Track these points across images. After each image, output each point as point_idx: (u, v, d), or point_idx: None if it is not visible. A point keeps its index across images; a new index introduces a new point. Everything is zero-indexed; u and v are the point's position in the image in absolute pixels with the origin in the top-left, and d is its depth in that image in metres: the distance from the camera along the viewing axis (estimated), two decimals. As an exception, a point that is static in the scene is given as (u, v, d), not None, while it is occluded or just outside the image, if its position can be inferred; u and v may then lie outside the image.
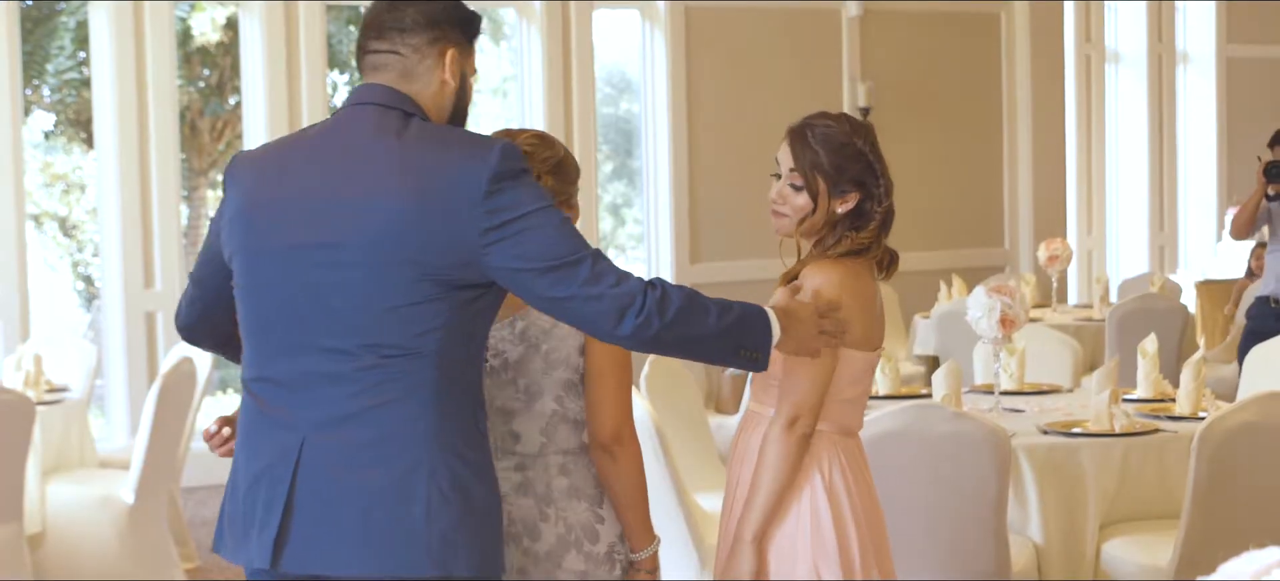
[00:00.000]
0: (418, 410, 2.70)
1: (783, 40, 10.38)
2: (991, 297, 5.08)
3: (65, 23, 12.65)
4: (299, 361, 2.75)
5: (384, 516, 2.68)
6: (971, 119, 11.22)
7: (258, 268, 2.80)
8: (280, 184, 2.80)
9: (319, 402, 2.73)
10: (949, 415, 4.48)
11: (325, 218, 2.73)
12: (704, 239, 10.08)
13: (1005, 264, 11.29)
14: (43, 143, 13.68)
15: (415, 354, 2.70)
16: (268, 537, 2.73)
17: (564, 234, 2.72)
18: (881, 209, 3.38)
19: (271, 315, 2.79)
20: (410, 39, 2.83)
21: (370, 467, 2.69)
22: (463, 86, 2.90)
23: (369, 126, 2.78)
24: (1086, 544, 4.78)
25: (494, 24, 13.00)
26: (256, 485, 2.77)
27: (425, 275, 2.68)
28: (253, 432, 2.82)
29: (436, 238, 2.68)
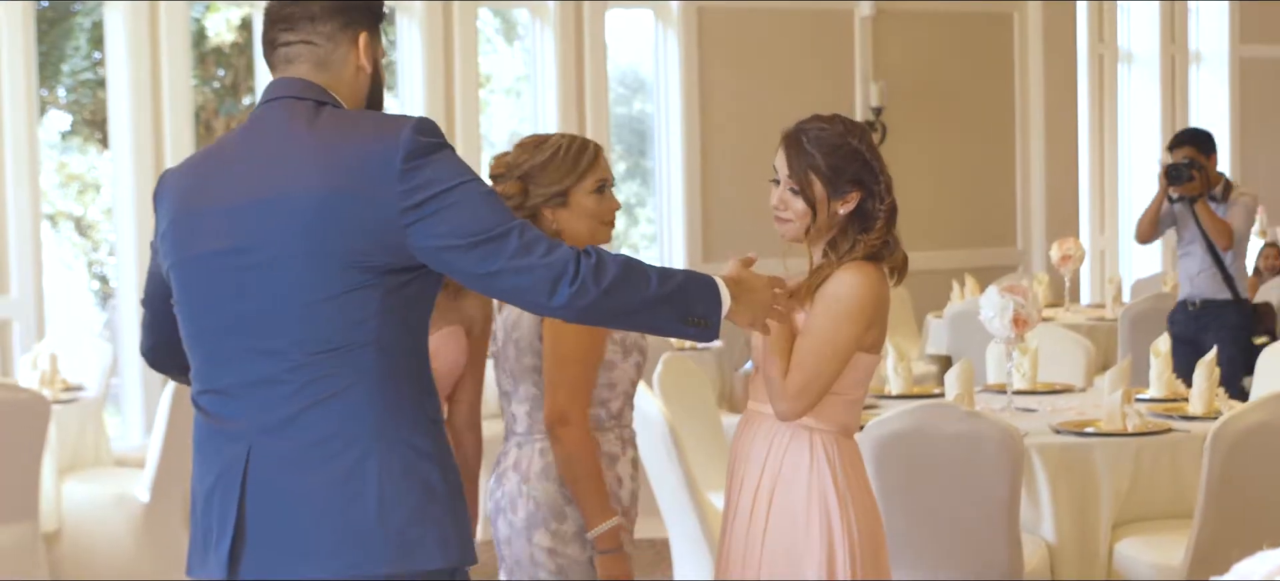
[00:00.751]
0: (360, 403, 2.62)
1: (796, 40, 10.38)
2: (1004, 297, 5.08)
3: (81, 23, 12.68)
4: (238, 368, 2.68)
5: (337, 515, 2.61)
6: (984, 119, 11.21)
7: (189, 280, 2.74)
8: (203, 193, 2.74)
9: (261, 407, 2.65)
10: (961, 414, 4.48)
11: (245, 219, 2.66)
12: (717, 238, 10.08)
13: (1018, 263, 11.28)
14: (58, 143, 13.71)
15: (351, 346, 2.62)
16: (223, 549, 2.66)
17: (489, 206, 2.62)
18: (884, 206, 3.39)
19: (207, 326, 2.72)
20: (321, 27, 2.76)
21: (318, 467, 2.61)
22: (376, 71, 2.83)
23: (282, 122, 2.71)
24: (1099, 543, 4.78)
25: (507, 24, 13.02)
26: (210, 498, 2.70)
27: (350, 264, 2.60)
28: (203, 447, 2.75)
29: (356, 224, 2.59)
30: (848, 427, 3.43)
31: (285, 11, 2.77)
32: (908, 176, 10.71)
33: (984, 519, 4.42)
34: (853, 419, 3.45)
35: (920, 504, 4.47)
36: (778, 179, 3.43)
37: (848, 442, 3.43)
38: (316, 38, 2.76)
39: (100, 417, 6.73)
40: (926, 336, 8.95)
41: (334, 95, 2.75)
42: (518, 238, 2.59)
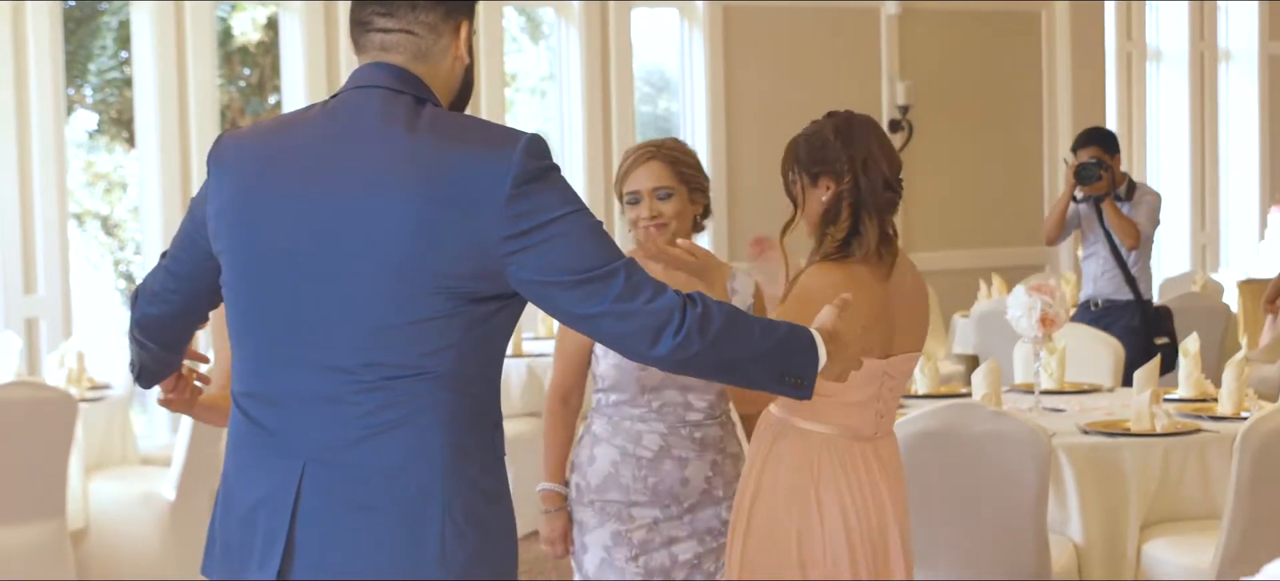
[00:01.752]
0: (428, 437, 2.45)
1: (822, 39, 10.36)
2: (1032, 296, 5.06)
3: (107, 23, 12.72)
4: (296, 378, 2.49)
5: (394, 556, 2.45)
6: (1011, 117, 11.17)
7: (250, 268, 2.53)
8: (277, 175, 2.52)
9: (318, 426, 2.47)
10: (989, 414, 4.46)
11: (327, 218, 2.46)
12: (742, 237, 10.06)
13: (1045, 262, 11.24)
14: (85, 142, 13.76)
15: (424, 374, 2.44)
16: (270, 570, 2.48)
17: (596, 241, 2.47)
18: (845, 187, 3.40)
19: (265, 323, 2.52)
20: (423, 15, 2.56)
21: (376, 502, 2.44)
22: (471, 60, 2.67)
23: (376, 114, 2.50)
24: (1127, 544, 4.76)
25: (532, 23, 13.01)
26: (254, 514, 2.51)
27: (439, 288, 2.42)
28: (246, 453, 2.56)
29: (453, 247, 2.41)
30: (857, 431, 3.43)
31: (395, 4, 2.57)
32: (934, 175, 10.72)
33: (1011, 519, 4.40)
34: (861, 421, 3.44)
35: (947, 504, 4.45)
36: None
37: (860, 446, 3.43)
38: (418, 27, 2.56)
39: (127, 416, 6.74)
40: (953, 336, 8.92)
41: (432, 89, 2.56)
42: (624, 280, 2.45)
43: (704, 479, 3.78)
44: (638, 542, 3.76)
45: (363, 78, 2.57)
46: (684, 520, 3.78)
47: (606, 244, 2.49)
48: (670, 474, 3.75)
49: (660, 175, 3.77)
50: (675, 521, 3.77)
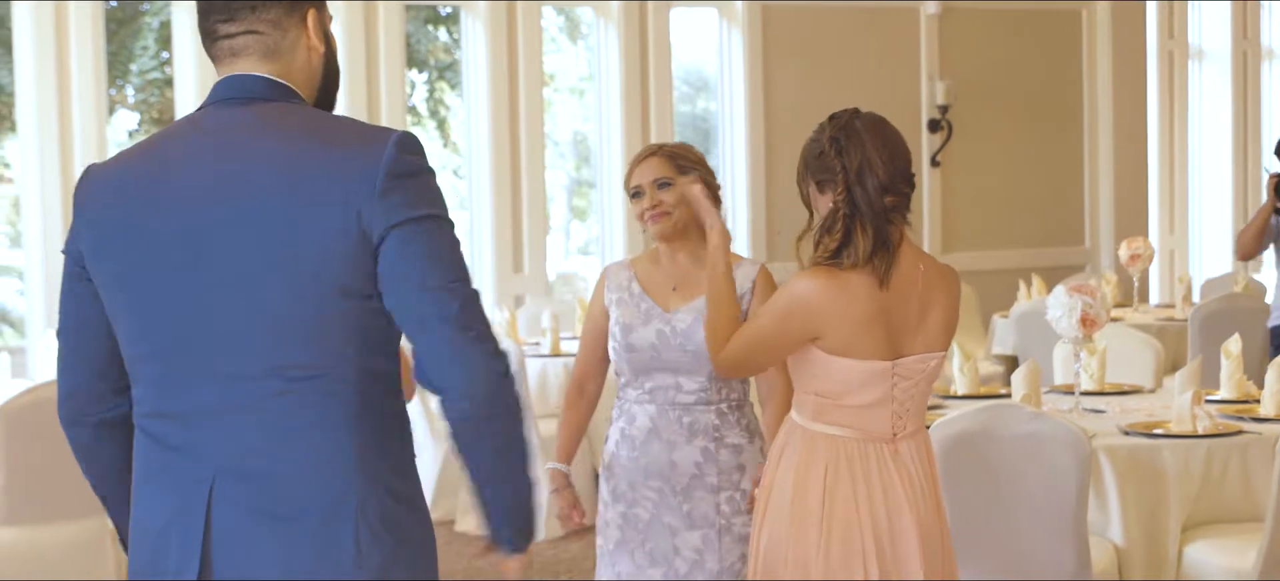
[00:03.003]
0: (336, 439, 2.41)
1: (861, 38, 10.34)
2: (1072, 297, 5.03)
3: (148, 24, 12.79)
4: (199, 392, 2.44)
5: (309, 562, 2.40)
6: (1052, 117, 11.13)
7: (138, 291, 2.47)
8: (153, 195, 2.46)
9: (225, 437, 2.42)
10: (1029, 415, 4.44)
11: (210, 230, 2.41)
12: (781, 237, 10.05)
13: (1086, 263, 11.19)
14: (126, 141, 13.84)
15: (326, 375, 2.41)
16: (190, 570, 2.42)
17: (454, 254, 2.43)
18: (838, 197, 3.39)
19: (162, 343, 2.46)
20: (265, 14, 2.51)
21: (289, 509, 2.40)
22: (329, 46, 2.60)
23: (245, 124, 2.46)
24: (1168, 546, 4.73)
25: (571, 23, 13.03)
26: (166, 532, 2.45)
27: (330, 286, 2.38)
28: (153, 474, 2.50)
29: (336, 243, 2.37)
30: (871, 433, 3.45)
31: (234, 6, 2.51)
32: (974, 175, 10.69)
33: (1051, 520, 4.37)
34: (876, 423, 3.44)
35: (987, 504, 4.43)
36: None
37: (876, 449, 3.44)
38: (261, 26, 2.51)
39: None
40: (992, 336, 8.89)
41: (290, 85, 2.52)
42: (463, 306, 2.40)
43: (693, 464, 3.87)
44: (642, 526, 3.92)
45: (222, 91, 2.54)
46: (681, 508, 3.88)
47: (461, 261, 2.45)
48: (658, 455, 3.89)
49: (659, 168, 3.95)
50: (671, 508, 3.89)
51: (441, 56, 13.68)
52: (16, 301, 13.13)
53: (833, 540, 3.39)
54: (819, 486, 3.41)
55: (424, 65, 13.57)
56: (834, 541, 3.39)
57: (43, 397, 5.47)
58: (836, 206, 3.39)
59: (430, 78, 13.75)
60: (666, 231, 3.92)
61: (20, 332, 12.55)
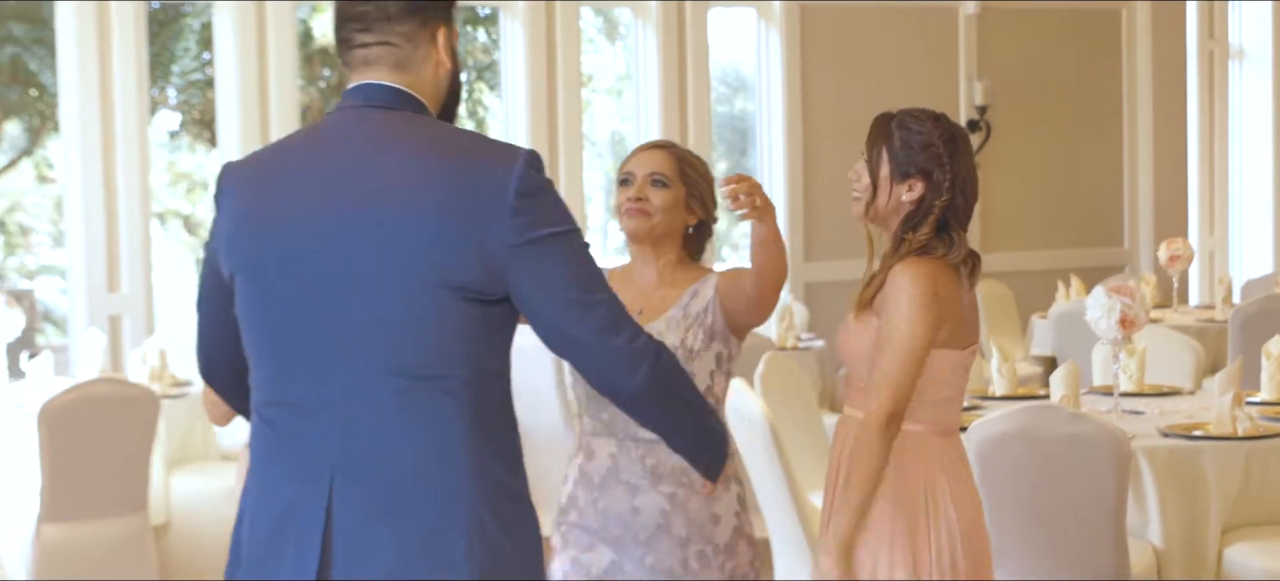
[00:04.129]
0: (452, 439, 2.52)
1: (899, 38, 10.32)
2: (1111, 298, 5.02)
3: (190, 25, 12.87)
4: (319, 385, 2.55)
5: (423, 558, 2.50)
6: (1091, 117, 11.08)
7: (266, 283, 2.59)
8: (285, 193, 2.60)
9: (342, 433, 2.53)
10: (1067, 416, 4.43)
11: (339, 230, 2.53)
12: (818, 238, 10.04)
13: (1125, 264, 11.14)
14: (168, 142, 13.92)
15: (446, 377, 2.51)
16: (310, 558, 2.52)
17: (588, 266, 2.58)
18: (940, 203, 3.35)
19: (285, 335, 2.58)
20: (399, 27, 2.63)
21: (405, 507, 2.50)
22: (455, 63, 2.72)
23: (375, 131, 2.59)
24: (1208, 548, 4.71)
25: (609, 23, 13.04)
26: (283, 524, 2.56)
27: (454, 292, 2.49)
28: (272, 462, 2.61)
29: (462, 250, 2.49)
30: (946, 427, 3.40)
31: (358, 10, 2.64)
32: (1013, 176, 10.65)
33: (1090, 521, 4.37)
34: (949, 418, 3.41)
35: (1025, 505, 4.42)
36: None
37: (947, 442, 3.39)
38: (395, 38, 2.63)
39: (208, 413, 6.82)
40: (1031, 337, 8.86)
41: (419, 98, 2.64)
42: (607, 311, 2.57)
43: (660, 513, 3.44)
44: (597, 575, 3.49)
45: (353, 98, 2.64)
46: (644, 562, 3.44)
47: (597, 271, 2.59)
48: (619, 500, 3.47)
49: (662, 163, 3.57)
50: (634, 560, 3.45)
51: (480, 57, 13.71)
52: (59, 300, 13.23)
53: (953, 537, 3.32)
54: (919, 486, 3.33)
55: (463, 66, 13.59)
56: (960, 538, 3.33)
57: (85, 396, 5.52)
58: (931, 205, 3.36)
59: (469, 78, 13.78)
60: (639, 231, 3.53)
61: (63, 331, 12.64)
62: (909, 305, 3.28)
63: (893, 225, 3.41)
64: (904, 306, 3.28)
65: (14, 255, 13.79)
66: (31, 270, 13.90)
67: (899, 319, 3.28)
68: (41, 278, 13.80)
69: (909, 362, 3.27)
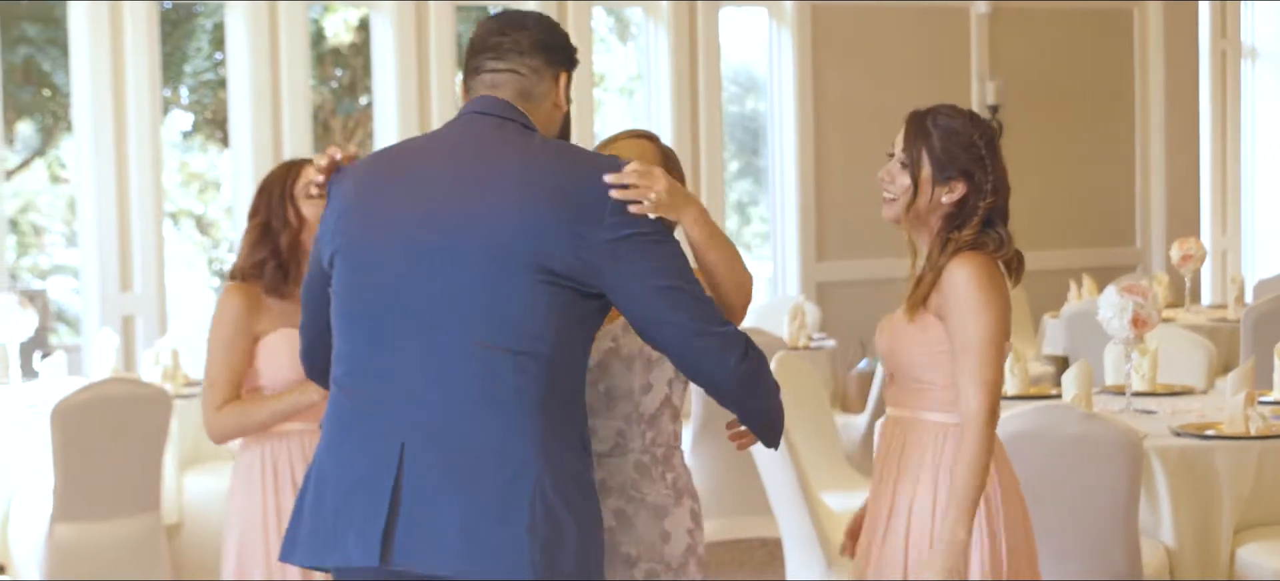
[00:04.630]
0: (525, 416, 2.65)
1: (910, 38, 10.31)
2: (1123, 297, 5.01)
3: (202, 25, 12.90)
4: (401, 358, 2.70)
5: (487, 527, 2.62)
6: (1103, 116, 11.07)
7: (362, 260, 2.77)
8: (392, 184, 2.79)
9: (419, 403, 2.67)
10: (1079, 416, 4.43)
11: (445, 217, 2.71)
12: (830, 237, 10.04)
13: (1137, 263, 11.12)
14: (180, 142, 13.95)
15: (524, 354, 2.66)
16: (374, 533, 2.66)
17: (682, 262, 2.76)
18: (985, 204, 3.33)
19: (374, 309, 2.74)
20: (529, 60, 2.85)
21: (474, 477, 2.63)
22: (567, 112, 2.94)
23: (489, 134, 2.79)
24: (1220, 547, 4.70)
25: (621, 23, 13.04)
26: (352, 492, 2.70)
27: (545, 278, 2.66)
28: (345, 432, 2.75)
29: (561, 243, 2.67)
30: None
31: (494, 41, 2.86)
32: (1025, 175, 10.60)
33: (1102, 521, 4.36)
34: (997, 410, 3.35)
35: (1037, 506, 4.41)
36: (891, 154, 3.41)
37: (997, 442, 3.34)
38: (523, 68, 2.85)
39: (220, 412, 6.83)
40: (1043, 336, 8.85)
41: (534, 125, 2.83)
42: (700, 301, 2.74)
43: (605, 530, 3.05)
44: None
45: (474, 106, 2.84)
46: None
47: (687, 267, 2.77)
48: None
49: (646, 155, 3.15)
50: None
51: (491, 57, 13.70)
52: (72, 300, 13.25)
53: (1015, 529, 3.31)
54: (995, 482, 3.30)
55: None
56: (1018, 530, 3.32)
57: (98, 396, 5.53)
58: (974, 205, 3.33)
59: (480, 78, 13.77)
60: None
61: (76, 331, 12.67)
62: (980, 299, 3.25)
63: (931, 225, 3.38)
64: (974, 302, 3.25)
65: (27, 255, 13.82)
66: (45, 270, 13.93)
67: (971, 316, 3.25)
68: (54, 277, 13.83)
69: (995, 355, 3.24)
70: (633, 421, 3.09)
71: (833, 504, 5.21)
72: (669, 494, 3.11)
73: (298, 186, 3.81)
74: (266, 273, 3.80)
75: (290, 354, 3.67)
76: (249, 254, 3.83)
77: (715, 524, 6.93)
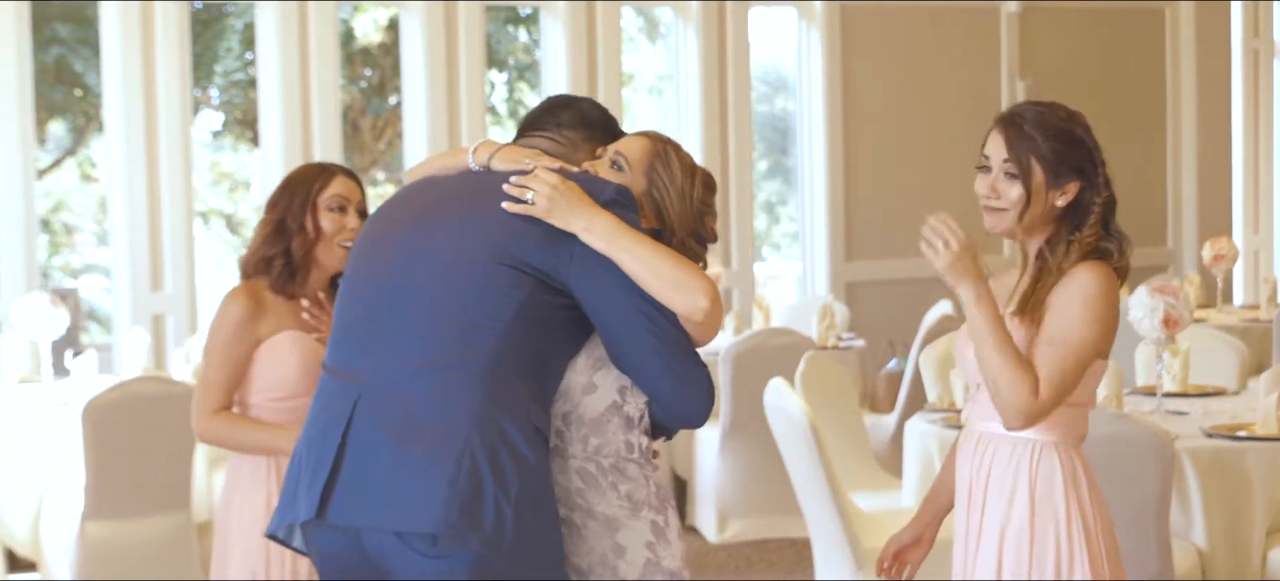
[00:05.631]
0: (467, 385, 2.73)
1: (940, 37, 10.29)
2: (1155, 297, 4.99)
3: (232, 25, 12.94)
4: (372, 333, 2.85)
5: (409, 480, 2.70)
6: (1134, 116, 11.02)
7: (363, 261, 2.95)
8: (404, 197, 3.01)
9: (378, 360, 2.81)
10: (1110, 417, 4.41)
11: (437, 217, 2.90)
12: (859, 237, 10.02)
13: (1168, 263, 11.07)
14: (210, 142, 14.00)
15: (477, 328, 2.76)
16: (317, 488, 2.77)
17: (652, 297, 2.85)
18: (1101, 201, 3.20)
19: (364, 297, 2.90)
20: (568, 132, 3.06)
21: (407, 434, 2.73)
22: None
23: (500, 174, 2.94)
24: (1252, 549, 4.68)
25: (650, 23, 13.04)
26: (309, 446, 2.84)
27: (512, 263, 2.79)
28: (318, 401, 2.90)
29: (538, 242, 2.80)
30: (1083, 437, 3.25)
31: (539, 117, 3.08)
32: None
33: (1133, 522, 4.34)
34: (1084, 424, 3.26)
35: (1067, 506, 4.40)
36: (987, 165, 3.20)
37: (1077, 451, 3.23)
38: (560, 137, 3.04)
39: (250, 411, 6.85)
40: (1073, 337, 8.80)
41: None
42: (669, 323, 2.84)
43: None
44: None
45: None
46: None
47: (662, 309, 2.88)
48: None
49: (639, 149, 3.06)
50: None
51: (521, 56, 13.74)
52: (103, 299, 13.32)
53: (1105, 547, 3.21)
54: (1087, 498, 3.20)
55: (504, 65, 13.64)
56: (1105, 548, 3.21)
57: (128, 394, 5.55)
58: (1089, 204, 3.21)
59: (510, 78, 13.81)
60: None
61: (107, 330, 12.73)
62: (1095, 311, 3.11)
63: (1043, 231, 3.22)
64: (1091, 311, 3.10)
65: (59, 254, 13.89)
66: (76, 269, 14.01)
67: (1077, 321, 3.10)
68: (86, 276, 13.90)
69: (1078, 368, 3.10)
70: (571, 423, 2.92)
71: (862, 504, 5.20)
72: (623, 505, 2.92)
73: (324, 195, 3.74)
74: (274, 269, 3.74)
75: (295, 356, 3.69)
76: (259, 247, 3.77)
77: (743, 524, 6.92)
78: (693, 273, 2.84)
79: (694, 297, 2.82)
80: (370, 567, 2.76)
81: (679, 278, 2.81)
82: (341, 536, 2.77)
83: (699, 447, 7.12)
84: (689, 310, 2.83)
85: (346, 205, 3.74)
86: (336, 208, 3.73)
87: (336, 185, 3.75)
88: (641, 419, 2.96)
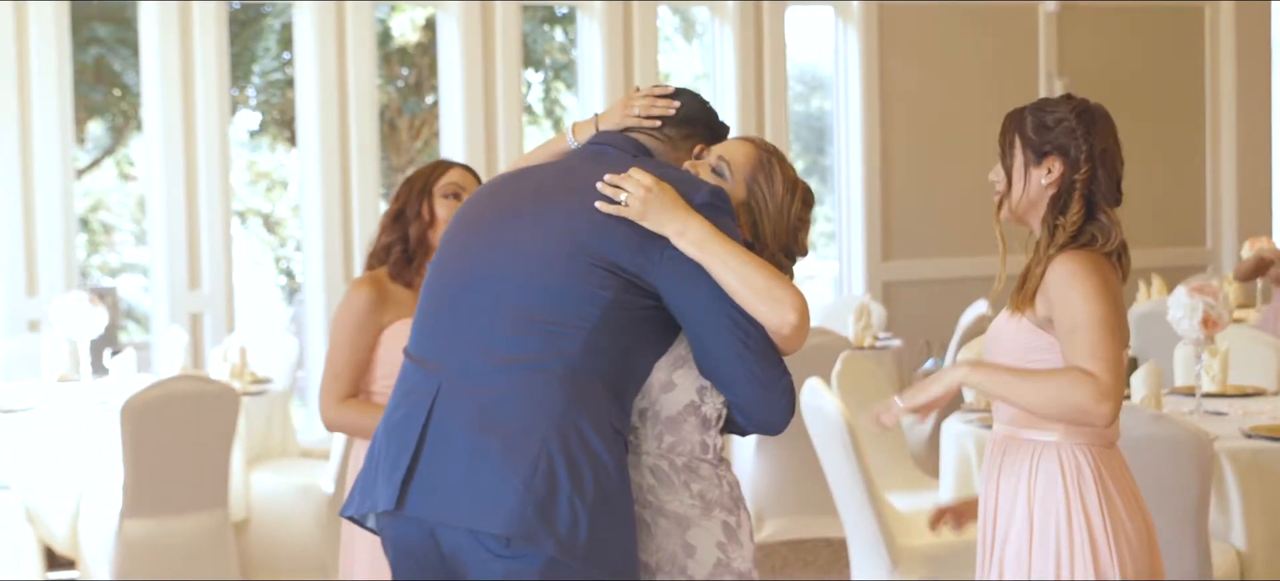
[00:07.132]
0: (549, 384, 2.72)
1: (978, 37, 10.25)
2: (1193, 297, 4.96)
3: (271, 25, 12.99)
4: (459, 328, 2.82)
5: (486, 477, 2.68)
6: (1173, 116, 10.96)
7: (451, 251, 2.93)
8: (494, 188, 2.98)
9: (463, 354, 2.79)
10: (1149, 417, 4.39)
11: (528, 212, 2.86)
12: (896, 236, 10.00)
13: (1207, 263, 11.01)
14: (248, 141, 14.06)
15: (563, 329, 2.74)
16: (397, 478, 2.76)
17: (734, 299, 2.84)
18: (1081, 178, 3.15)
19: (451, 288, 2.88)
20: (668, 129, 3.05)
21: (485, 428, 2.71)
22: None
23: (593, 153, 2.97)
24: (1292, 551, 4.65)
25: (686, 22, 13.03)
26: (391, 435, 2.82)
27: (602, 265, 2.76)
28: (400, 386, 2.89)
29: (628, 243, 2.77)
30: (1109, 437, 3.22)
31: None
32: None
33: (1172, 523, 4.32)
34: (1114, 426, 3.21)
35: (1105, 507, 4.38)
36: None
37: (1108, 452, 3.21)
38: (660, 135, 3.04)
39: (287, 410, 6.88)
40: (1111, 337, 8.77)
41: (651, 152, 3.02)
42: (756, 330, 2.81)
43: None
44: None
45: (600, 138, 3.05)
46: None
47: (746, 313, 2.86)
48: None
49: (741, 154, 3.13)
50: None
51: (557, 56, 13.75)
52: (142, 298, 13.39)
53: (1126, 546, 3.17)
54: (1093, 498, 3.16)
55: (540, 65, 13.66)
56: (1131, 547, 3.17)
57: (167, 392, 5.58)
58: (1072, 183, 3.16)
59: (546, 77, 13.83)
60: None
61: (145, 328, 12.80)
62: (1086, 285, 3.06)
63: (1039, 216, 3.20)
64: (1080, 286, 3.06)
65: (97, 253, 13.97)
66: (114, 268, 14.09)
67: (1077, 300, 3.06)
68: (124, 275, 13.98)
69: (1111, 338, 3.01)
70: (647, 419, 2.91)
71: (898, 504, 5.18)
72: (695, 505, 2.92)
73: (440, 183, 3.93)
74: (392, 256, 3.91)
75: None
76: (380, 235, 3.97)
77: (780, 523, 6.91)
78: (783, 285, 2.81)
79: (783, 311, 2.79)
80: (443, 561, 2.76)
81: (770, 289, 2.79)
82: (417, 528, 2.76)
83: (735, 447, 7.11)
84: (778, 323, 2.81)
85: (461, 193, 3.92)
86: (451, 195, 3.92)
87: (453, 174, 3.96)
88: (718, 420, 2.96)
